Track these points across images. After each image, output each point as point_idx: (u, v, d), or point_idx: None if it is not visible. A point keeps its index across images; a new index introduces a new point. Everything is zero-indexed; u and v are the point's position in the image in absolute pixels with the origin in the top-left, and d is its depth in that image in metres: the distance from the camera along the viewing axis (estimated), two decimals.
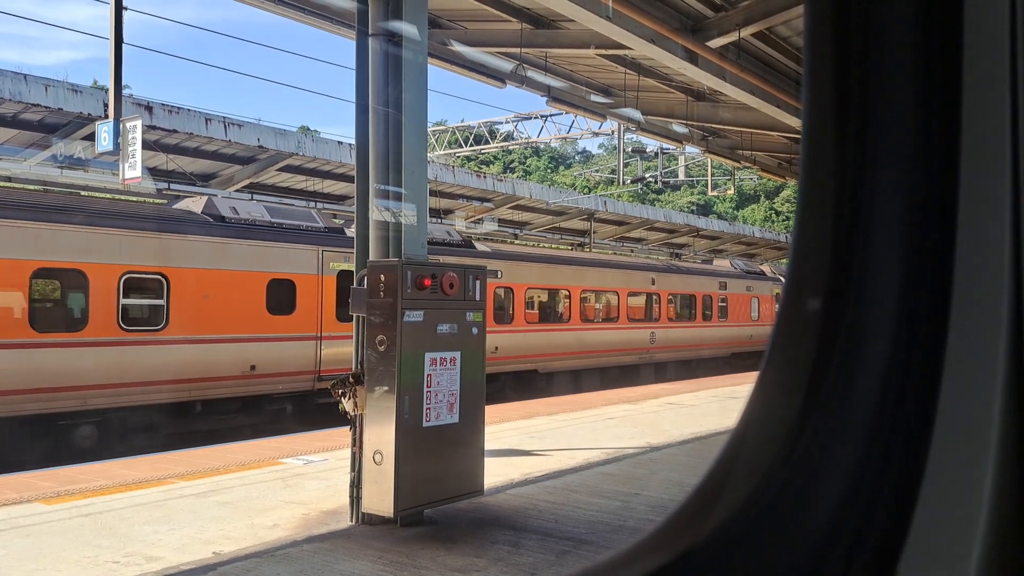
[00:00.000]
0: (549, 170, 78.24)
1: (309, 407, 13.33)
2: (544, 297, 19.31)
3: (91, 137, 13.44)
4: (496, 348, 17.00)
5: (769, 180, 29.87)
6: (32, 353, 10.32)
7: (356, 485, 6.18)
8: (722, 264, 29.06)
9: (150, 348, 11.42)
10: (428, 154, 7.48)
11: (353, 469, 6.24)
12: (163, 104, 14.93)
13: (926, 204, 0.91)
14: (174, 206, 13.58)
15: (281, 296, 12.90)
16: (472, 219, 24.09)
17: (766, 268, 30.61)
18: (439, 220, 20.23)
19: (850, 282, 0.94)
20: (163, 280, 11.65)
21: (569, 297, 19.63)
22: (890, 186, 0.94)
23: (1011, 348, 0.84)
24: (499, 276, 16.85)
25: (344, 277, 13.54)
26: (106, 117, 12.46)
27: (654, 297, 22.65)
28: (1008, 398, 0.83)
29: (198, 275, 12.02)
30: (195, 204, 13.36)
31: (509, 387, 17.62)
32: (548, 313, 19.39)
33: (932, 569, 0.83)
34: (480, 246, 18.12)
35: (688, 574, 0.93)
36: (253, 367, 12.58)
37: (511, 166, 76.15)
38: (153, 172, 15.55)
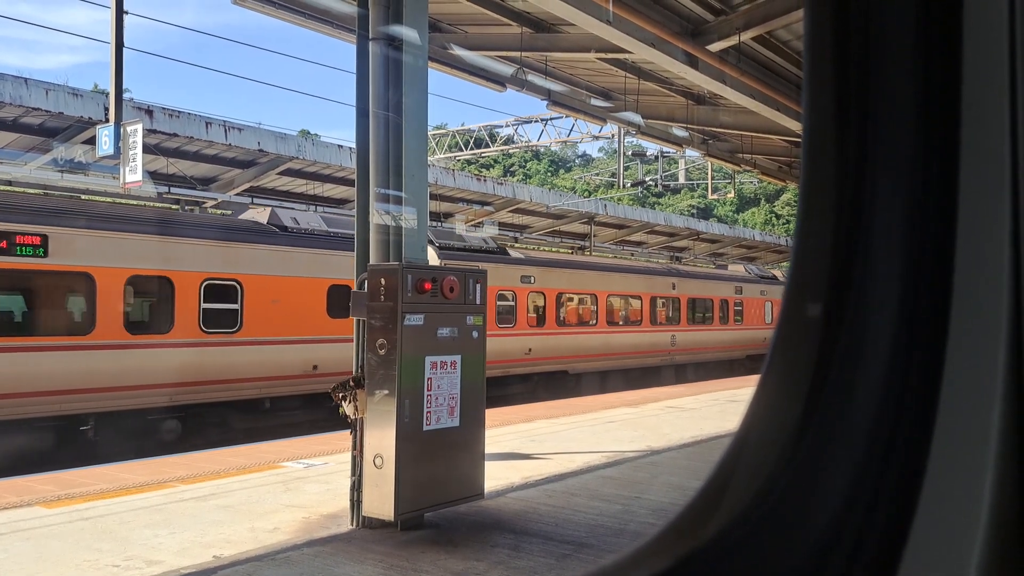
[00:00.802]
0: (549, 173, 78.28)
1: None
2: (573, 301, 20.05)
3: (92, 141, 13.47)
4: (530, 350, 18.17)
5: (769, 184, 29.96)
6: (127, 353, 11.20)
7: (357, 489, 6.17)
8: (737, 269, 29.80)
9: (226, 349, 12.35)
10: (428, 158, 7.49)
11: (354, 473, 6.24)
12: (164, 108, 14.95)
13: (926, 207, 0.91)
14: (240, 216, 14.50)
15: (339, 300, 13.49)
16: (472, 223, 24.10)
17: (778, 273, 30.99)
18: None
19: (851, 286, 0.94)
20: (238, 286, 12.57)
21: (596, 301, 20.47)
22: (890, 189, 0.94)
23: (1011, 351, 0.84)
24: (532, 281, 18.49)
25: None
26: (107, 121, 12.47)
27: (675, 301, 23.54)
28: (1008, 401, 0.83)
29: (267, 281, 12.97)
30: (260, 215, 14.31)
31: (541, 387, 18.36)
32: (577, 317, 20.16)
33: (933, 572, 0.83)
34: (514, 253, 19.12)
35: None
36: (315, 367, 13.43)
37: (511, 170, 76.20)
38: (153, 176, 15.57)
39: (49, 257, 10.50)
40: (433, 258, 16.10)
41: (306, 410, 13.40)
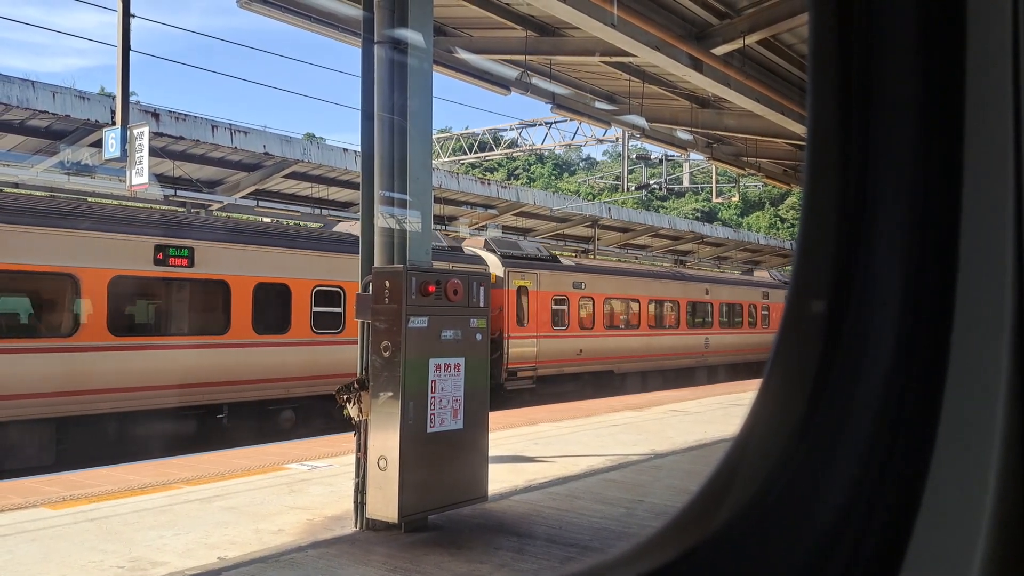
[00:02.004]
0: (553, 177, 78.26)
1: None
2: (619, 306, 21.58)
3: (98, 144, 13.52)
4: (580, 351, 19.65)
5: (774, 187, 30.01)
6: (254, 351, 12.78)
7: (361, 491, 6.18)
8: (762, 275, 31.23)
9: (332, 347, 13.83)
10: (432, 161, 7.50)
11: (358, 475, 6.25)
12: (170, 111, 15.01)
13: (929, 208, 0.92)
14: (333, 229, 16.04)
15: None
16: (476, 226, 24.12)
17: None
18: (525, 237, 22.85)
19: (853, 286, 0.94)
20: (341, 292, 14.09)
21: (639, 306, 22.07)
22: (893, 190, 0.94)
23: (1014, 351, 0.84)
24: (583, 287, 19.96)
25: None
26: (113, 124, 12.52)
27: (708, 306, 25.16)
28: (1011, 400, 0.84)
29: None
30: (352, 228, 15.55)
31: (589, 386, 19.61)
32: (622, 320, 21.68)
33: (935, 570, 0.83)
34: (565, 261, 20.81)
35: (692, 572, 0.93)
36: None
37: (515, 173, 76.21)
38: (159, 178, 15.63)
39: (194, 267, 12.09)
40: (497, 266, 17.82)
41: None
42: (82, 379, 10.71)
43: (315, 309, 13.65)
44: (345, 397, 6.21)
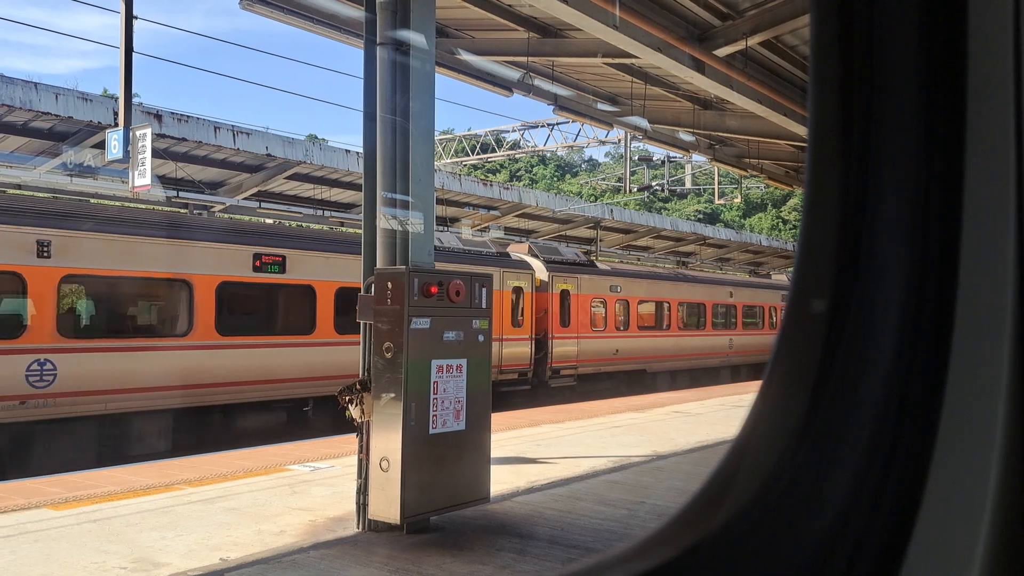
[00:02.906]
0: (555, 178, 78.26)
1: (493, 395, 16.28)
2: (651, 308, 22.74)
3: (101, 145, 13.55)
4: (617, 351, 20.82)
5: (776, 189, 30.17)
6: (336, 349, 13.77)
7: (363, 492, 6.18)
8: (780, 279, 32.45)
9: None
10: (435, 162, 7.51)
11: (360, 476, 6.25)
12: (172, 112, 15.02)
13: (930, 208, 0.92)
14: None
15: None
16: (478, 227, 24.13)
17: None
18: (567, 244, 24.09)
19: (855, 286, 0.95)
20: None
21: (669, 308, 23.23)
22: (894, 191, 0.95)
23: (1016, 351, 0.84)
24: (619, 291, 21.12)
25: (515, 291, 18.00)
26: (116, 125, 12.54)
27: (732, 309, 26.33)
28: (1013, 400, 0.84)
29: None
30: None
31: (623, 384, 20.90)
32: (654, 321, 22.82)
33: (936, 568, 0.83)
34: (601, 265, 21.83)
35: (694, 569, 0.93)
36: None
37: (517, 174, 76.23)
38: (162, 180, 15.65)
39: (286, 273, 13.35)
40: (542, 270, 18.90)
41: None
42: (194, 375, 11.85)
43: None
44: (347, 398, 6.21)
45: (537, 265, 18.99)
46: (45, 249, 10.45)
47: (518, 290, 18.06)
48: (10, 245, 10.15)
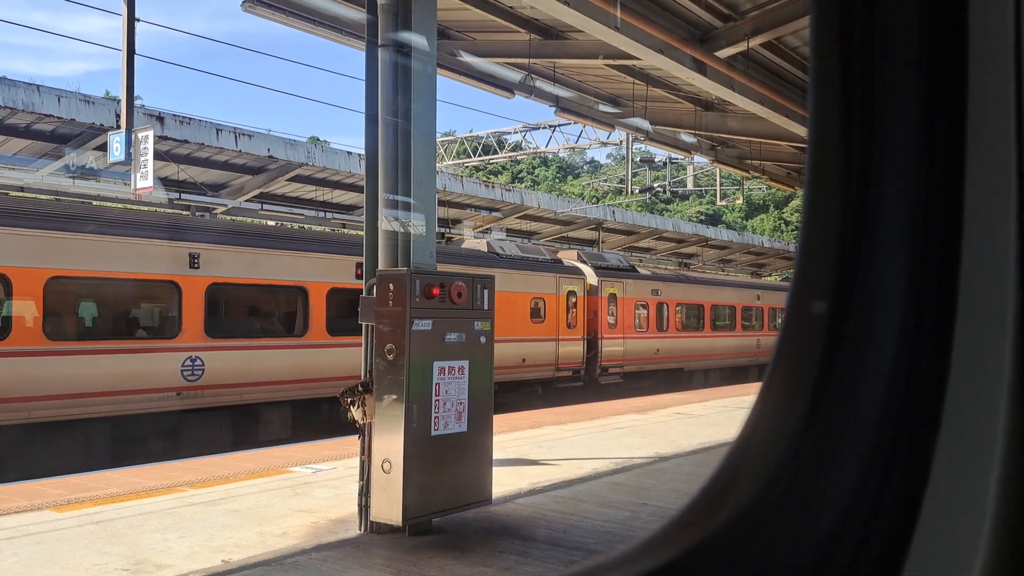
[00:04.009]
0: (557, 180, 78.29)
1: (550, 390, 18.70)
2: (687, 310, 24.26)
3: (103, 147, 13.57)
4: (658, 350, 22.45)
5: (778, 190, 30.21)
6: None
7: (365, 494, 6.18)
8: None
9: None
10: (436, 164, 7.51)
11: (362, 478, 6.25)
12: (174, 115, 15.05)
13: (931, 209, 0.92)
14: (463, 245, 19.06)
15: (536, 309, 18.45)
16: (480, 229, 24.14)
17: None
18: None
19: (856, 285, 0.94)
20: None
21: (703, 311, 24.75)
22: (895, 191, 0.95)
23: (1016, 350, 0.84)
24: (659, 294, 22.68)
25: (570, 296, 19.34)
26: (118, 127, 12.57)
27: (759, 311, 27.75)
28: (1013, 401, 0.84)
29: (498, 295, 16.20)
30: (480, 245, 18.86)
31: (663, 382, 22.24)
32: (690, 323, 24.32)
33: (938, 567, 0.83)
34: (642, 270, 23.54)
35: (695, 570, 0.93)
36: (524, 359, 17.91)
37: (519, 176, 76.26)
38: (164, 182, 15.67)
39: None
40: (592, 275, 20.36)
41: (518, 393, 17.71)
42: (309, 369, 13.12)
43: None
44: (349, 400, 6.21)
45: (587, 271, 20.44)
46: (195, 261, 11.96)
47: (572, 294, 19.48)
48: (170, 258, 11.69)
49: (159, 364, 11.45)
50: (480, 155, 33.21)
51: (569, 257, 21.13)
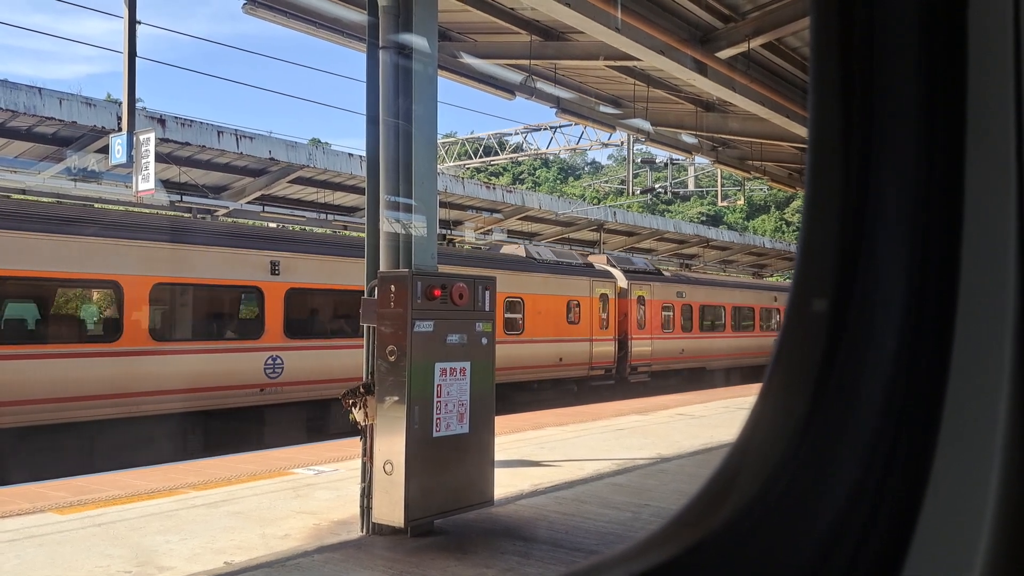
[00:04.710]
0: (558, 181, 78.30)
1: (584, 387, 19.81)
2: (711, 312, 25.40)
3: (105, 150, 13.58)
4: (682, 350, 23.54)
5: (779, 190, 30.29)
6: (501, 347, 15.40)
7: (367, 495, 6.18)
8: None
9: (517, 345, 17.78)
10: (438, 165, 7.52)
11: (363, 479, 6.25)
12: (176, 117, 15.06)
13: (931, 208, 0.92)
14: (500, 251, 20.65)
15: (572, 311, 19.52)
16: (481, 230, 24.14)
17: None
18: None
19: (856, 285, 0.95)
20: (521, 301, 18.04)
21: (725, 312, 25.92)
22: (895, 191, 0.95)
23: (1017, 350, 0.84)
24: (684, 296, 23.83)
25: (602, 298, 20.42)
26: (120, 130, 12.58)
27: (775, 312, 28.55)
28: (1014, 399, 0.84)
29: (537, 298, 18.46)
30: (518, 250, 20.32)
31: (686, 380, 23.17)
32: (713, 324, 25.46)
33: (938, 566, 0.83)
34: (666, 273, 24.99)
35: (694, 568, 0.94)
36: (560, 359, 18.99)
37: (520, 177, 76.26)
38: (166, 184, 15.69)
39: None
40: (622, 279, 21.44)
41: (556, 391, 18.84)
42: None
43: (506, 316, 17.41)
44: (351, 401, 6.21)
45: (617, 274, 21.50)
46: (276, 268, 13.00)
47: (604, 297, 20.56)
48: (254, 265, 12.70)
49: (245, 363, 12.47)
50: (481, 156, 33.22)
51: (599, 261, 22.03)
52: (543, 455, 9.64)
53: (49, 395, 10.35)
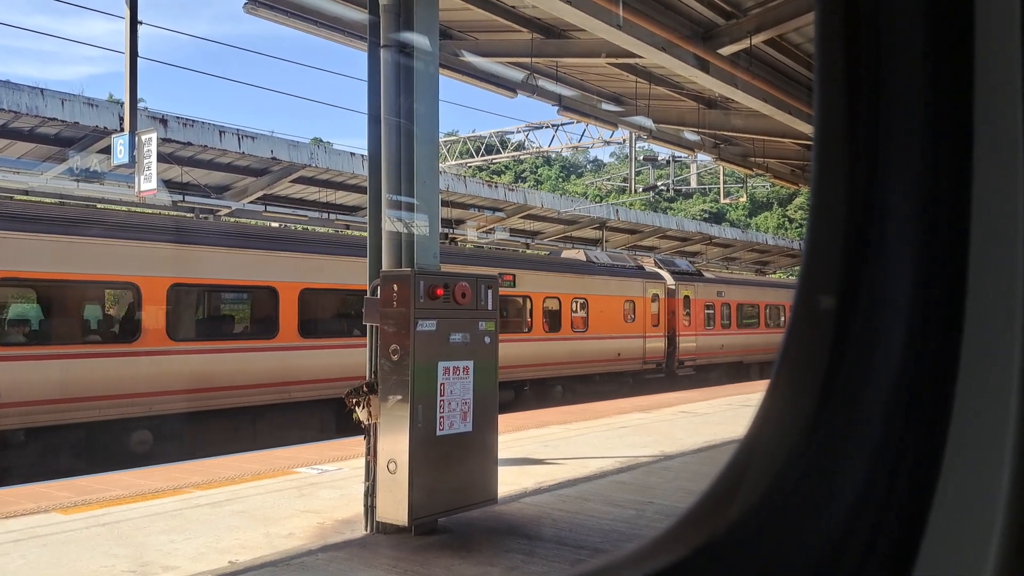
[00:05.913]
0: (561, 179, 78.24)
1: (639, 380, 21.42)
2: (747, 310, 27.06)
3: (107, 150, 13.58)
4: (723, 346, 25.40)
5: (782, 187, 30.35)
6: (544, 344, 18.20)
7: (370, 494, 6.18)
8: None
9: (583, 342, 19.55)
10: (439, 164, 7.51)
11: (367, 478, 6.25)
12: (178, 117, 15.06)
13: (938, 204, 0.91)
14: (562, 255, 22.34)
15: (628, 310, 21.30)
16: (483, 229, 24.13)
17: None
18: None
19: (862, 282, 0.94)
20: (587, 302, 19.72)
21: (759, 309, 27.60)
22: (902, 188, 0.94)
23: None
24: (723, 295, 25.48)
25: (654, 298, 22.21)
26: (122, 130, 12.58)
27: (783, 308, 29.36)
28: (1023, 397, 0.83)
29: (599, 299, 20.23)
30: (578, 255, 21.90)
31: (726, 374, 24.94)
32: (749, 321, 27.05)
33: (949, 565, 0.82)
34: (707, 274, 26.60)
35: (703, 569, 0.93)
36: (619, 354, 20.78)
37: (522, 176, 76.21)
38: (168, 184, 15.69)
39: (515, 287, 17.58)
40: (670, 280, 23.25)
41: (614, 383, 20.36)
42: None
43: (571, 314, 19.03)
44: (354, 400, 6.21)
45: (666, 275, 23.24)
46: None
47: (655, 297, 22.30)
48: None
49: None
50: (483, 155, 33.20)
51: (647, 263, 23.88)
52: (546, 453, 9.64)
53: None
